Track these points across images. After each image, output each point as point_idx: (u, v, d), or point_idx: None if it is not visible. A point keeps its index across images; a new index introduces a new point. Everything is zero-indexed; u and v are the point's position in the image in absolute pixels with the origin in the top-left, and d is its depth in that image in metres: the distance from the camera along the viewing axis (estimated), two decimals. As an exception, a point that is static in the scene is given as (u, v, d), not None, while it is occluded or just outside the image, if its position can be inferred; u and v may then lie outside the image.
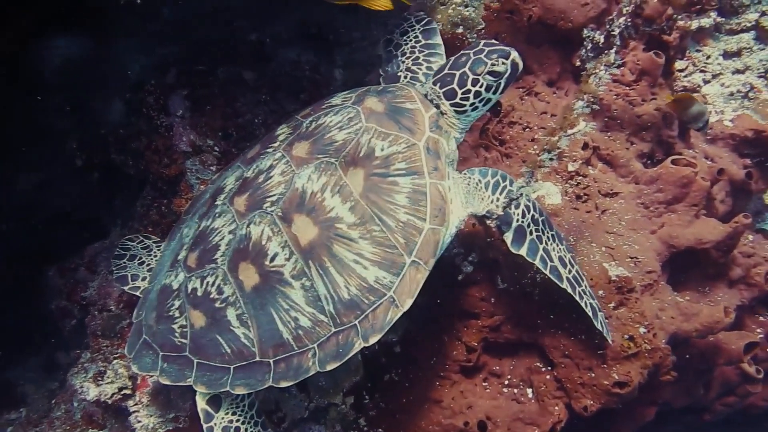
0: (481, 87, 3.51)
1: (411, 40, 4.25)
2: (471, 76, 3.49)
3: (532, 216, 3.57)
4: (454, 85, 3.53)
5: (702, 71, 5.64)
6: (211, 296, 3.43)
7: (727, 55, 5.76)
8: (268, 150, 3.61)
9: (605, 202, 4.46)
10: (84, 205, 5.45)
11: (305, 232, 3.26)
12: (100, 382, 4.46)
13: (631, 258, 4.20)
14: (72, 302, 5.09)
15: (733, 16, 5.87)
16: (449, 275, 4.09)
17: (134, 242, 4.39)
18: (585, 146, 4.48)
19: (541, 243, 3.59)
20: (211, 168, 4.65)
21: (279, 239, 3.29)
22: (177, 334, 3.51)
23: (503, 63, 3.47)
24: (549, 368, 4.12)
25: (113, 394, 4.42)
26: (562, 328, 3.99)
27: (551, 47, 4.74)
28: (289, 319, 3.29)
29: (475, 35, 4.60)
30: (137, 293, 4.05)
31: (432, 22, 4.30)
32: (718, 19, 5.42)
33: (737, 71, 5.70)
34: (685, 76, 5.57)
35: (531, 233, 3.57)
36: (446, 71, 3.59)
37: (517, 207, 3.53)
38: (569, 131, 4.35)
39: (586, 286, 3.72)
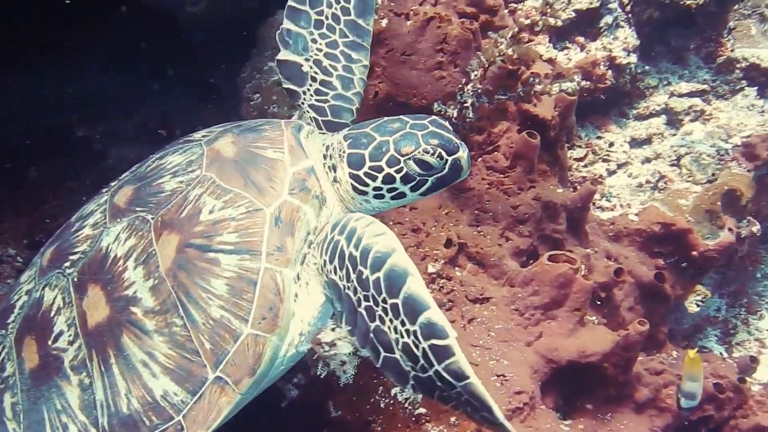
0: (398, 172, 2.50)
1: (329, 17, 2.97)
2: (391, 152, 2.49)
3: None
4: (366, 152, 2.52)
5: (605, 160, 4.99)
6: None
7: (636, 142, 5.14)
8: (103, 189, 2.81)
9: (473, 309, 3.75)
10: None
11: (96, 309, 2.40)
12: None
13: (498, 376, 3.45)
14: None
15: (641, 99, 5.29)
16: (270, 401, 3.47)
17: None
18: (449, 243, 3.78)
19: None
20: (8, 281, 3.93)
21: (68, 313, 2.45)
22: None
23: (441, 157, 2.45)
24: None
25: None
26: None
27: (408, 130, 4.08)
28: (59, 425, 2.39)
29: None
30: None
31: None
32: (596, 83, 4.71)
33: (647, 159, 5.03)
34: (585, 166, 4.91)
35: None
36: (367, 129, 2.57)
37: None
38: None
39: None
